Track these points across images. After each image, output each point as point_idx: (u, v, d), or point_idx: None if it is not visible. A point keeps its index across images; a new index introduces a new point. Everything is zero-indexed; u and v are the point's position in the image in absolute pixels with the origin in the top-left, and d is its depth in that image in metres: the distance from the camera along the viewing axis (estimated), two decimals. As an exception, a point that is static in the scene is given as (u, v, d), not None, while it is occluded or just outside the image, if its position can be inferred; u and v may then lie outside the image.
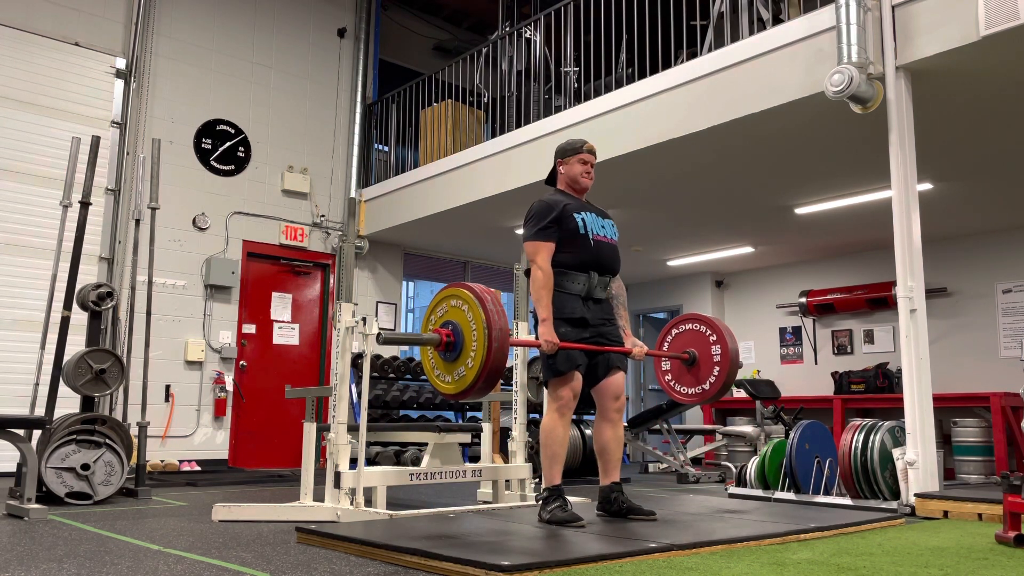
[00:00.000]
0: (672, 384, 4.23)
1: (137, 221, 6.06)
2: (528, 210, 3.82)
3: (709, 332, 4.10)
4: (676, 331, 4.25)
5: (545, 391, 3.79)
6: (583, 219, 3.77)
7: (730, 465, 7.08)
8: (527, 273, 3.83)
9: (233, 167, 8.24)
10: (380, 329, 3.46)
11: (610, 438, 3.80)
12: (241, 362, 8.13)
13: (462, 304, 3.37)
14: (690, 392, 4.15)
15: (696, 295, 10.55)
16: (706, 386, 4.07)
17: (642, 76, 6.20)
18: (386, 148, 9.21)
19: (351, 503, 4.08)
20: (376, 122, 9.22)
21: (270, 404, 8.22)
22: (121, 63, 7.61)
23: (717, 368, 4.04)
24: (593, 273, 3.76)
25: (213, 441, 7.81)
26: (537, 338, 3.60)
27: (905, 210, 4.66)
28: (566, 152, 3.93)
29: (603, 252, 3.81)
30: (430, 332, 3.46)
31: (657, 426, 6.78)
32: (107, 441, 4.95)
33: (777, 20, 5.63)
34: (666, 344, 4.28)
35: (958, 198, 7.11)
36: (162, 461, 7.27)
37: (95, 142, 5.42)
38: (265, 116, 8.50)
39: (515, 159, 7.08)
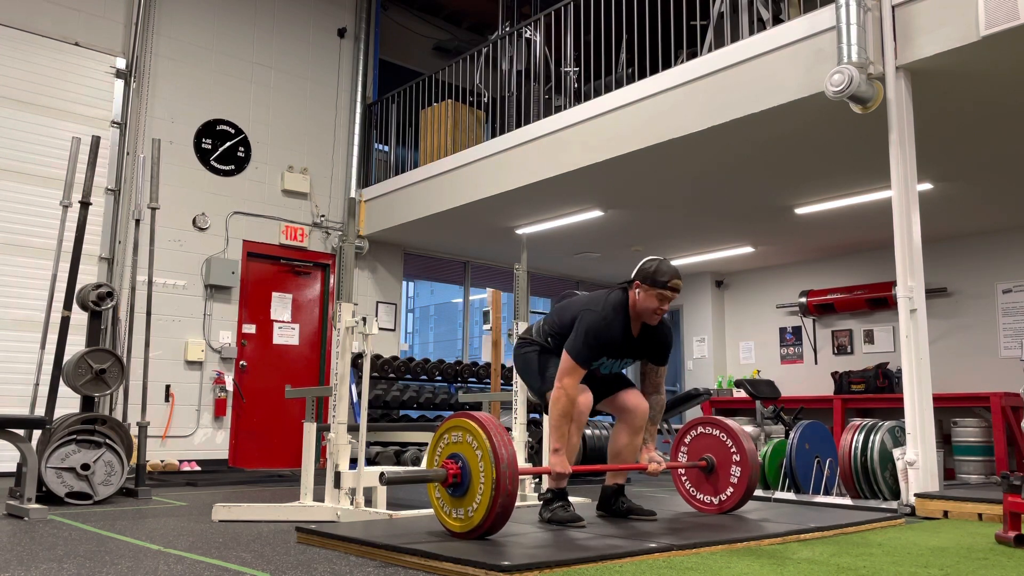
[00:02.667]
0: (692, 493, 4.09)
1: (137, 221, 6.06)
2: (585, 310, 3.60)
3: (725, 437, 3.96)
4: (691, 436, 4.10)
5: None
6: (603, 361, 3.67)
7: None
8: (550, 332, 3.71)
9: (233, 167, 8.24)
10: (384, 472, 3.21)
11: (626, 445, 3.78)
12: (241, 362, 8.13)
13: (470, 439, 3.15)
14: (711, 501, 3.99)
15: (696, 295, 10.55)
16: (727, 494, 3.92)
17: (642, 76, 6.20)
18: (386, 148, 9.21)
19: (351, 503, 4.08)
20: (376, 122, 9.22)
21: (270, 404, 8.22)
22: (121, 63, 7.61)
23: (737, 473, 3.89)
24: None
25: (213, 441, 7.81)
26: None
27: (905, 210, 4.66)
28: (647, 279, 3.58)
29: (598, 379, 3.76)
30: (436, 468, 3.23)
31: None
32: (107, 441, 4.95)
33: (777, 20, 5.63)
34: (682, 450, 4.13)
35: (958, 198, 7.11)
36: (162, 461, 7.27)
37: (95, 142, 5.42)
38: (265, 116, 8.50)
39: (515, 159, 7.07)
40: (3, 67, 7.04)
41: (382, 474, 3.19)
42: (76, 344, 5.49)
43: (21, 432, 4.31)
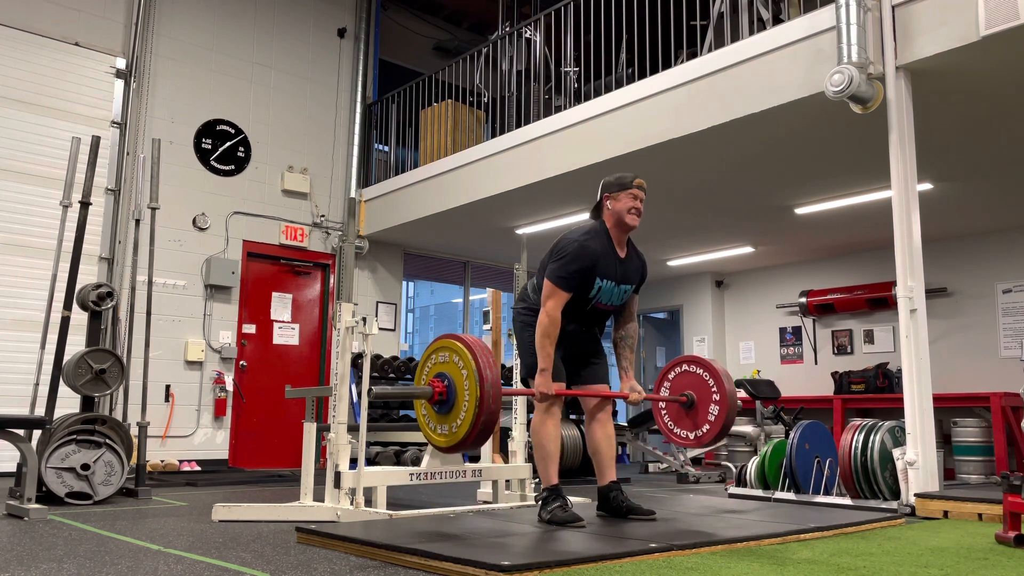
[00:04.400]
0: (670, 427, 4.16)
1: (137, 221, 6.06)
2: (560, 241, 3.69)
3: (707, 376, 4.02)
4: (674, 373, 4.16)
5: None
6: (600, 286, 3.68)
7: (730, 465, 7.08)
8: (537, 289, 3.73)
9: (233, 167, 8.24)
10: (371, 387, 3.40)
11: (601, 437, 3.79)
12: (241, 362, 8.13)
13: (456, 358, 3.31)
14: (687, 435, 4.07)
15: (696, 295, 10.55)
16: (704, 430, 4.00)
17: (642, 76, 6.20)
18: (386, 148, 9.21)
19: (351, 503, 4.08)
20: (376, 122, 9.22)
21: (270, 404, 8.22)
22: (121, 63, 7.61)
23: (715, 412, 3.97)
24: (576, 324, 3.73)
25: (213, 441, 7.81)
26: (531, 386, 3.62)
27: (905, 210, 4.66)
28: (613, 187, 3.72)
29: (595, 316, 3.79)
30: (423, 385, 3.41)
31: (657, 426, 6.78)
32: (107, 441, 4.95)
33: (777, 20, 5.63)
34: (665, 385, 4.19)
35: (958, 198, 7.11)
36: (162, 461, 7.27)
37: (95, 142, 5.42)
38: (265, 116, 8.50)
39: (515, 159, 7.07)
40: (3, 67, 7.04)
41: (370, 389, 3.40)
42: (76, 344, 5.49)
43: (21, 432, 4.31)
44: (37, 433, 4.81)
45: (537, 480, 4.83)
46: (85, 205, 5.25)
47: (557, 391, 3.60)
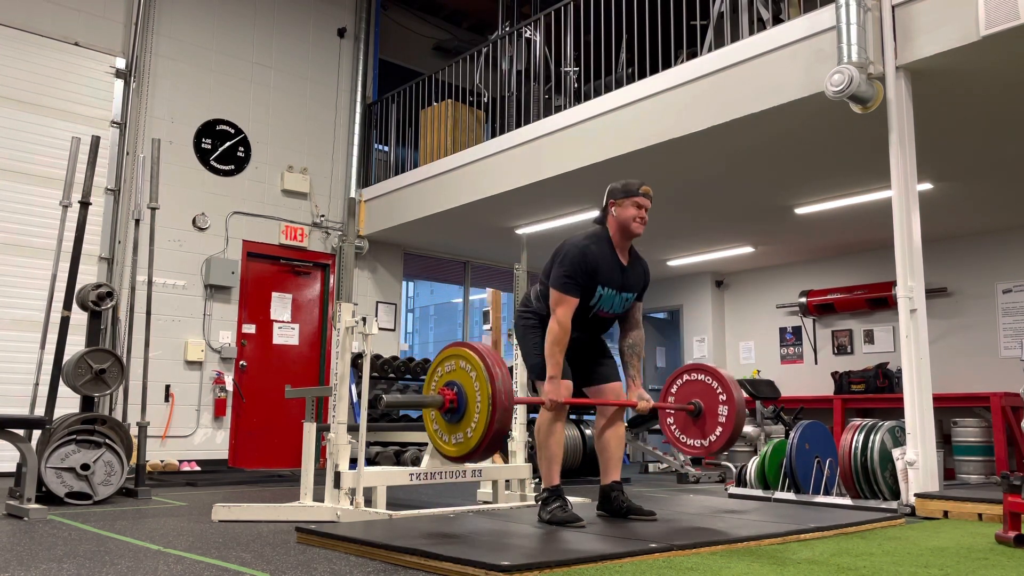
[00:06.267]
0: (677, 435, 4.10)
1: (137, 221, 6.06)
2: (562, 247, 3.67)
3: (715, 384, 3.97)
4: (680, 381, 4.11)
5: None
6: (602, 294, 3.67)
7: (730, 465, 7.08)
8: (541, 297, 3.73)
9: (233, 167, 8.24)
10: (382, 395, 3.35)
11: (610, 437, 3.80)
12: (241, 362, 8.13)
13: (466, 365, 3.23)
14: (695, 444, 4.01)
15: (696, 295, 10.55)
16: (712, 438, 3.94)
17: (642, 76, 6.20)
18: (386, 148, 9.21)
19: (351, 503, 4.08)
20: (376, 122, 9.22)
21: (270, 404, 8.22)
22: (121, 63, 7.61)
23: (723, 420, 3.91)
24: (579, 332, 3.71)
25: (213, 441, 7.81)
26: (537, 390, 3.62)
27: (905, 210, 4.66)
28: (619, 194, 3.69)
29: (597, 324, 3.78)
30: (433, 393, 3.33)
31: (657, 426, 6.77)
32: (107, 441, 4.95)
33: (777, 20, 5.63)
34: (671, 394, 4.15)
35: (958, 198, 7.11)
36: (162, 461, 7.27)
37: (95, 142, 5.42)
38: (265, 116, 8.50)
39: (515, 159, 7.07)
40: (3, 67, 7.04)
41: (381, 397, 3.32)
42: (76, 344, 5.48)
43: (21, 432, 4.31)
44: (37, 433, 4.81)
45: (537, 480, 4.83)
46: (85, 205, 5.25)
47: (566, 399, 3.60)
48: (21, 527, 3.81)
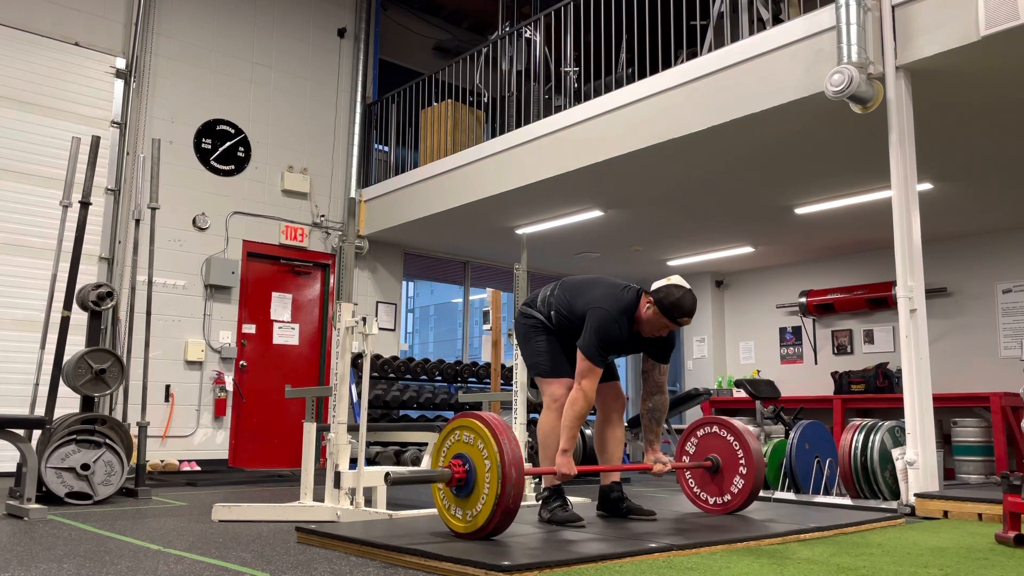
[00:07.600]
0: (697, 492, 4.05)
1: (137, 221, 6.06)
2: (599, 307, 3.57)
3: (732, 438, 3.93)
4: (699, 435, 4.07)
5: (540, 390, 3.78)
6: (611, 359, 3.75)
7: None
8: (560, 316, 3.68)
9: (233, 167, 8.24)
10: (389, 472, 3.14)
11: (609, 438, 3.81)
12: (241, 362, 8.13)
13: (471, 436, 3.14)
14: (715, 502, 3.96)
15: (696, 295, 10.53)
16: (732, 493, 3.89)
17: (642, 76, 6.20)
18: (386, 148, 9.21)
19: (351, 503, 4.08)
20: (376, 122, 9.22)
21: (270, 404, 8.22)
22: (121, 63, 7.61)
23: (743, 473, 3.86)
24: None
25: (213, 441, 7.81)
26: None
27: (905, 210, 4.66)
28: (662, 306, 3.53)
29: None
30: (441, 468, 3.21)
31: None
32: (107, 441, 4.95)
33: (777, 20, 5.63)
34: (687, 451, 4.10)
35: (958, 198, 7.11)
36: (162, 461, 7.27)
37: (95, 142, 5.41)
38: (265, 116, 8.50)
39: (515, 159, 7.07)
40: (3, 67, 7.04)
41: (387, 474, 3.17)
42: (76, 344, 5.48)
43: (21, 432, 4.31)
44: (37, 433, 4.81)
45: (537, 480, 4.83)
46: (85, 205, 5.25)
47: (579, 468, 3.55)
48: (21, 527, 3.81)
